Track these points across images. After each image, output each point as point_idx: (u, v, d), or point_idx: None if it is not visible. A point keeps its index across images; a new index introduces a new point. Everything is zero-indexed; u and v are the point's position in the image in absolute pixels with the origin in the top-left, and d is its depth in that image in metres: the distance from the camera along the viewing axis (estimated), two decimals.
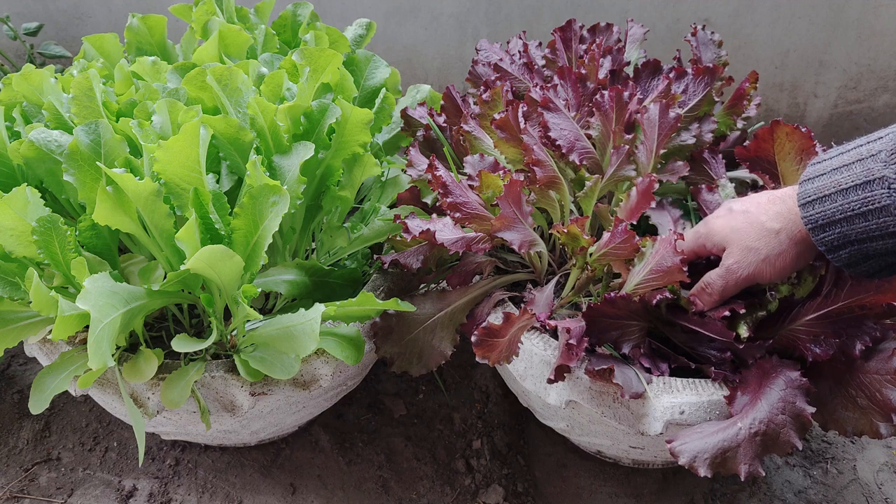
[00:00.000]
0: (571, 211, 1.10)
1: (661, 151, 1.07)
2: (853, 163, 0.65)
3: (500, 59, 1.35)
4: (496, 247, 1.16)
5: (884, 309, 0.80)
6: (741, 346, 0.87)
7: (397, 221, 1.03)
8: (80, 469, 1.29)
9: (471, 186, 1.02)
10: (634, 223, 0.97)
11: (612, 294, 0.89)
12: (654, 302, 0.88)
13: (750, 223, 0.76)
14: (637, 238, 0.90)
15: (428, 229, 0.98)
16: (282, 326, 0.89)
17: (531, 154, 1.03)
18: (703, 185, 1.11)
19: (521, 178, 1.00)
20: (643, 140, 1.06)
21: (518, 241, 0.97)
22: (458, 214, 0.99)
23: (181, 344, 0.90)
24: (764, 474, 0.78)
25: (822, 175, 0.68)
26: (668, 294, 0.88)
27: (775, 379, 0.83)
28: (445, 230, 1.01)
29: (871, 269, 0.70)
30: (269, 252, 0.95)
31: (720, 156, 1.16)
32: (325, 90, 1.13)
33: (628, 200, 0.99)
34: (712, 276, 0.83)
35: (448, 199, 0.99)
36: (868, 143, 0.66)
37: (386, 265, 1.09)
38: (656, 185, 0.97)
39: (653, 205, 0.97)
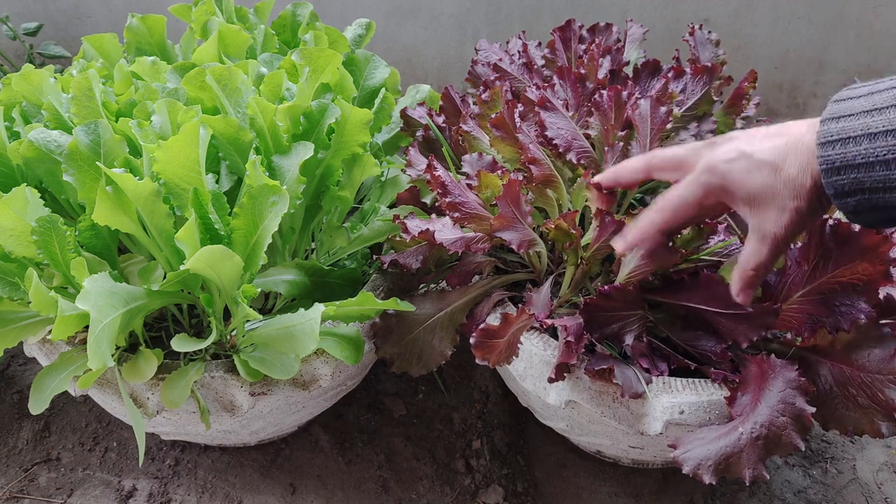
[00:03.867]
0: (569, 210, 1.10)
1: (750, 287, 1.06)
2: (888, 107, 0.62)
3: (500, 59, 1.35)
4: (496, 247, 1.16)
5: (872, 278, 0.79)
6: (752, 313, 0.85)
7: (396, 222, 1.03)
8: (79, 469, 1.29)
9: (469, 186, 1.02)
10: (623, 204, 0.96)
11: (607, 286, 0.89)
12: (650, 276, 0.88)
13: (780, 181, 0.68)
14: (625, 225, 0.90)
15: (427, 229, 0.98)
16: (281, 326, 0.89)
17: (527, 152, 1.03)
18: None
19: (520, 178, 1.00)
20: (637, 137, 1.07)
21: (517, 241, 0.97)
22: (456, 214, 0.99)
23: (181, 343, 0.90)
24: (768, 477, 0.78)
25: (850, 116, 0.64)
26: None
27: (773, 379, 0.83)
28: (444, 230, 1.01)
29: (874, 220, 0.66)
30: (268, 252, 0.95)
31: None
32: (324, 90, 1.13)
33: None
34: (752, 256, 0.72)
35: (447, 199, 0.99)
36: None
37: (385, 265, 1.09)
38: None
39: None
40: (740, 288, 0.75)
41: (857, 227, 0.79)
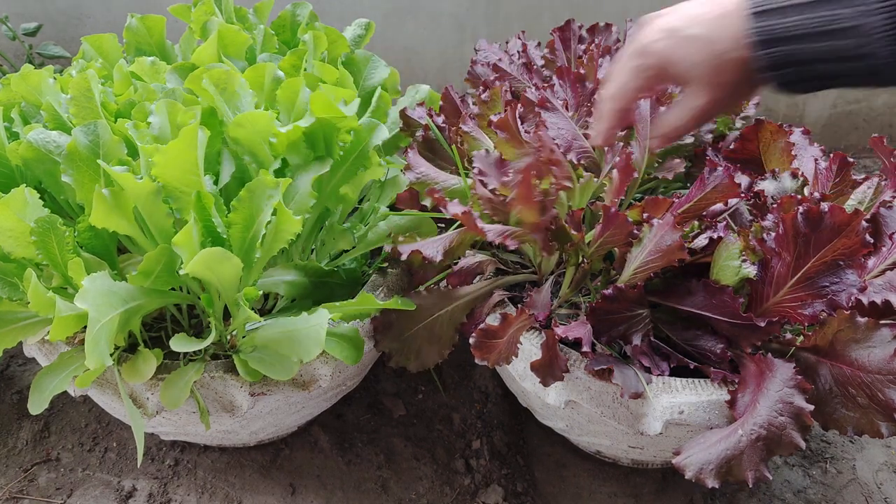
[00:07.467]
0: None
1: (657, 149, 1.07)
2: None
3: (499, 60, 1.35)
4: (495, 247, 1.16)
5: (853, 250, 0.80)
6: (758, 323, 0.85)
7: (435, 197, 0.99)
8: (79, 469, 1.29)
9: (482, 183, 1.01)
10: (623, 203, 0.96)
11: (611, 288, 0.89)
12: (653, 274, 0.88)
13: (711, 54, 0.66)
14: (630, 220, 0.90)
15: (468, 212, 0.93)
16: (285, 330, 0.89)
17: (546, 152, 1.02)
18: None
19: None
20: (637, 137, 1.07)
21: (542, 239, 0.96)
22: (487, 211, 0.98)
23: (180, 344, 0.90)
24: (771, 478, 0.78)
25: None
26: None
27: (772, 379, 0.83)
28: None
29: (800, 89, 0.66)
30: (278, 252, 0.95)
31: (720, 155, 1.16)
32: (364, 107, 1.12)
33: (611, 183, 0.99)
34: (674, 120, 0.74)
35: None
36: None
37: (404, 256, 1.05)
38: (634, 157, 0.96)
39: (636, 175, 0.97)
40: (657, 141, 0.78)
41: (826, 209, 0.80)
